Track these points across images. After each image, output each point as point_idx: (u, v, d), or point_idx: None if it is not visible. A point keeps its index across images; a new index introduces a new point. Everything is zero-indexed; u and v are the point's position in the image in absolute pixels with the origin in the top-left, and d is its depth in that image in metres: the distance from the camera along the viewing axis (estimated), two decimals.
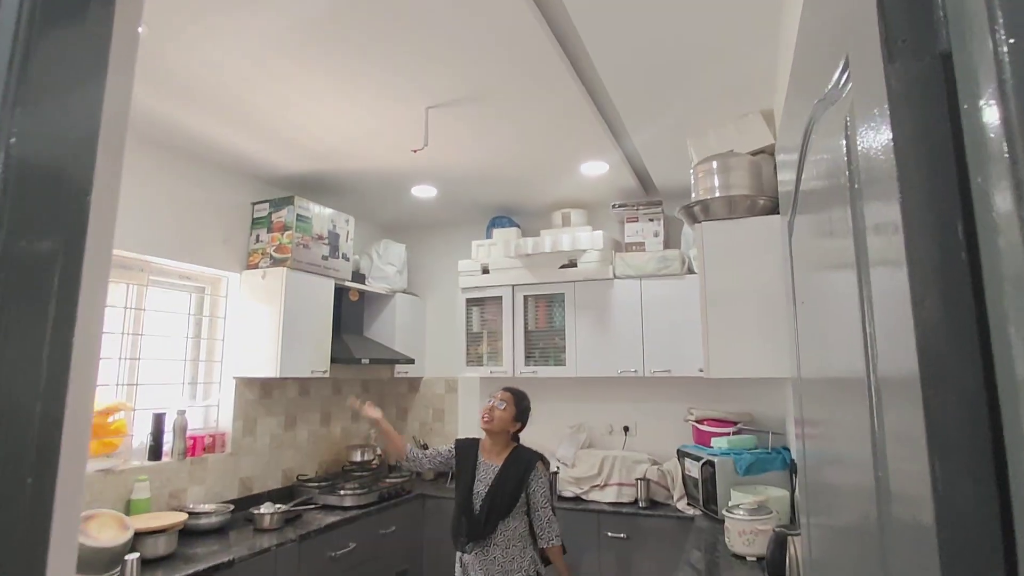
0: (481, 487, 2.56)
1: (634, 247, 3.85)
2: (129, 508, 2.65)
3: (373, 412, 2.75)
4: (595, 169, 3.42)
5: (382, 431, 2.76)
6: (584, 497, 3.59)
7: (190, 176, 3.13)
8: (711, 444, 3.35)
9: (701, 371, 2.60)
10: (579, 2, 1.90)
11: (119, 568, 2.18)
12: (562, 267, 3.86)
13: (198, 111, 2.62)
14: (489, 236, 4.17)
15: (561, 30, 2.11)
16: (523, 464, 2.58)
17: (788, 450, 3.18)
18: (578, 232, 3.73)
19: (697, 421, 3.56)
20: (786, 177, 1.14)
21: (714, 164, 2.41)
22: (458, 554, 2.58)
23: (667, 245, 3.84)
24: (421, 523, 3.52)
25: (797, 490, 2.77)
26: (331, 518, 3.09)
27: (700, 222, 2.37)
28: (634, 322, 3.69)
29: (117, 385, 2.88)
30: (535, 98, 2.53)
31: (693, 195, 2.54)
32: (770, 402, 3.65)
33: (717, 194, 2.38)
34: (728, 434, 3.37)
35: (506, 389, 2.74)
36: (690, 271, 3.62)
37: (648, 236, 3.84)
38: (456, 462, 2.70)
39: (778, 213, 2.35)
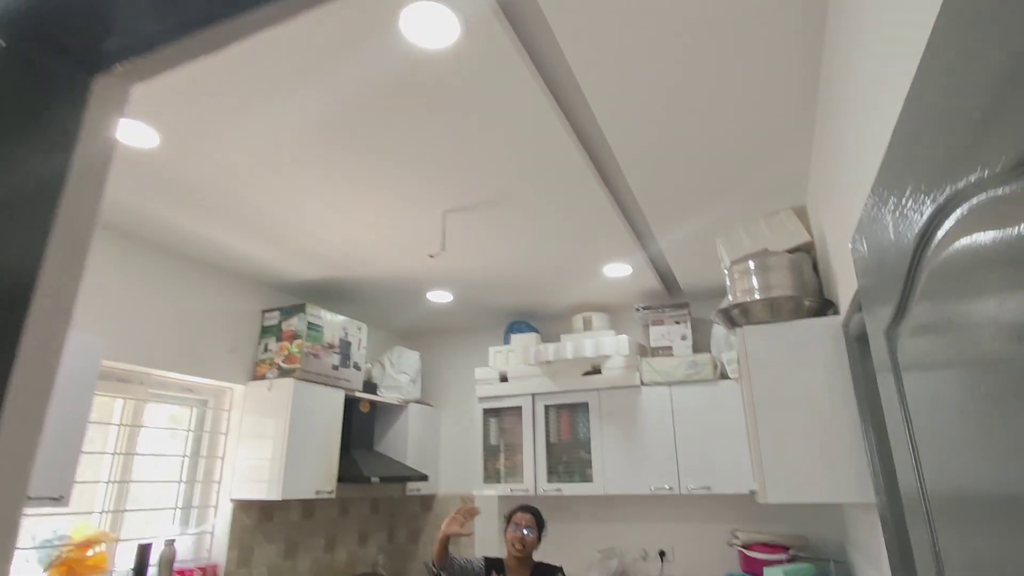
0: None
1: (661, 351, 3.64)
2: None
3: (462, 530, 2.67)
4: (618, 271, 3.29)
5: (446, 536, 2.69)
6: None
7: (198, 283, 3.03)
8: (763, 575, 2.95)
9: (752, 492, 2.31)
10: (606, 109, 1.85)
11: None
12: (585, 374, 3.64)
13: (208, 218, 2.56)
14: (507, 342, 3.99)
15: (586, 132, 2.04)
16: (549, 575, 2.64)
17: None
18: (601, 337, 3.54)
19: (744, 546, 3.17)
20: (871, 280, 0.96)
21: (751, 264, 2.26)
22: None
23: (696, 349, 3.62)
24: None
25: None
26: None
27: (740, 326, 2.18)
28: (665, 432, 3.40)
29: (101, 513, 2.61)
30: (558, 201, 2.45)
31: (729, 297, 2.37)
32: (826, 524, 3.27)
33: (757, 296, 2.21)
34: (781, 561, 2.98)
35: (525, 509, 2.74)
36: (723, 376, 3.38)
37: (675, 340, 3.65)
38: None
39: (824, 315, 2.18)
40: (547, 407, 3.72)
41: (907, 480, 0.92)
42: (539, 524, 2.70)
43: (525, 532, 2.64)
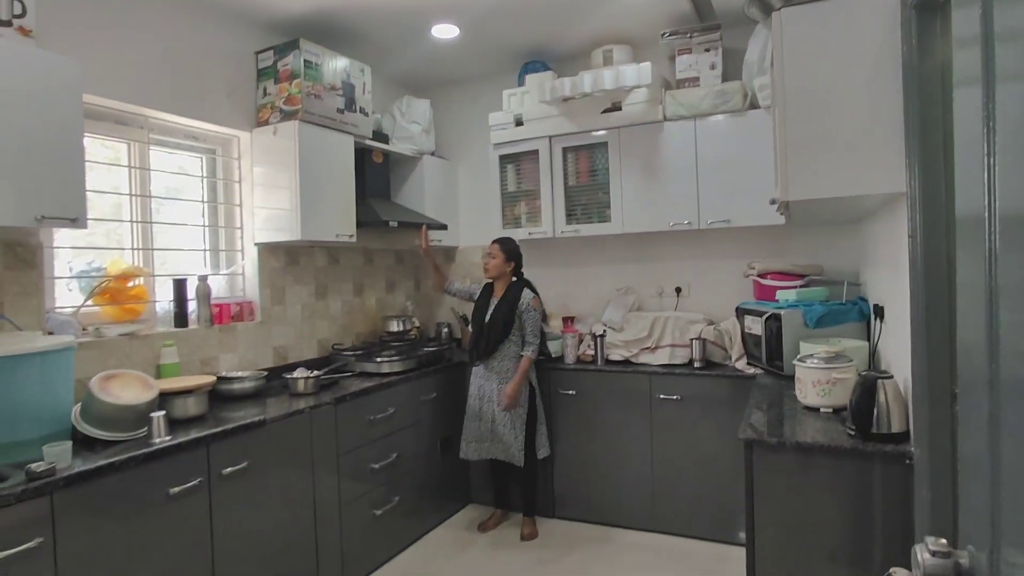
0: (486, 316, 3.26)
1: (687, 83, 3.35)
2: (159, 373, 2.56)
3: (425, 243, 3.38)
4: None
5: (428, 262, 3.49)
6: (633, 360, 3.37)
7: (186, 21, 2.77)
8: (776, 298, 3.03)
9: (773, 202, 2.23)
10: None
11: (145, 428, 2.08)
12: (604, 111, 3.41)
13: None
14: (521, 84, 3.72)
15: None
16: (512, 298, 3.23)
17: (866, 300, 2.83)
18: (622, 68, 3.24)
19: (760, 276, 3.22)
20: None
21: None
22: (472, 368, 3.32)
23: (726, 79, 3.32)
24: (463, 391, 3.40)
25: (880, 340, 2.46)
26: (368, 384, 2.97)
27: (778, 9, 1.90)
28: (687, 168, 3.27)
29: (132, 250, 2.71)
30: None
31: None
32: (842, 253, 3.26)
33: None
34: (795, 287, 3.04)
35: (494, 241, 3.34)
36: (753, 106, 3.14)
37: (703, 69, 3.33)
38: (477, 299, 3.38)
39: None
40: (564, 149, 3.57)
41: (969, 197, 0.74)
42: (504, 248, 3.29)
43: (488, 259, 3.30)
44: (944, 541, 0.83)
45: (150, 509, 1.92)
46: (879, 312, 2.42)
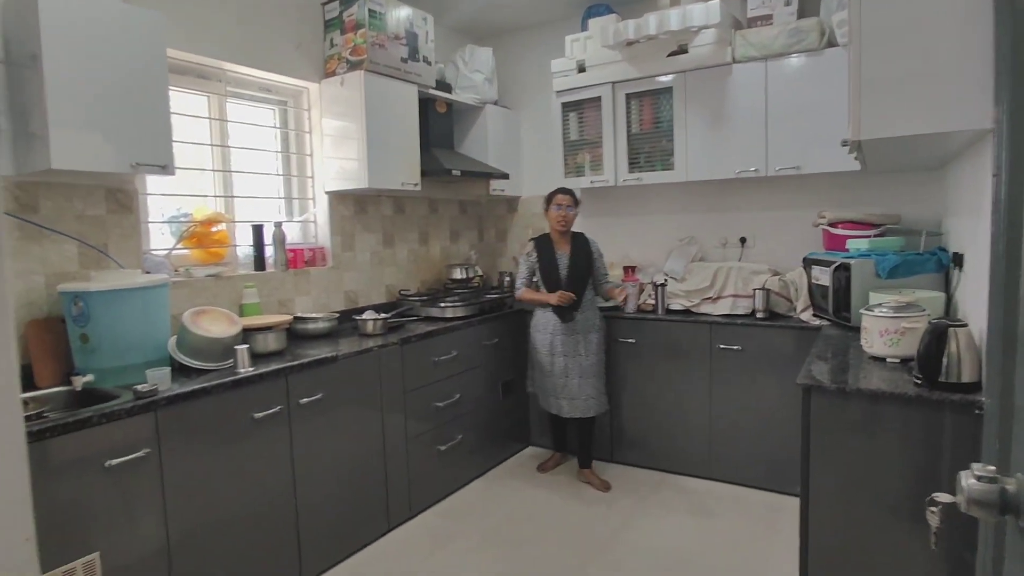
0: (564, 272, 3.20)
1: (759, 22, 3.19)
2: (241, 312, 2.76)
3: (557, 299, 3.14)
4: None
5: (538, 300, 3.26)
6: (694, 310, 3.35)
7: None
8: (847, 248, 2.91)
9: (844, 144, 2.13)
10: None
11: (232, 359, 2.27)
12: (670, 55, 3.31)
13: None
14: (585, 29, 3.63)
15: None
16: (583, 245, 3.26)
17: (945, 251, 2.69)
18: (689, 7, 3.11)
19: (830, 225, 3.10)
20: None
21: None
22: (550, 332, 3.21)
23: (802, 15, 3.13)
24: (525, 337, 3.49)
25: (957, 289, 2.35)
26: (432, 328, 3.10)
27: None
28: (756, 113, 3.15)
29: (214, 197, 2.89)
30: None
31: None
32: (923, 202, 3.09)
33: None
34: (869, 236, 2.91)
35: (564, 192, 3.24)
36: (830, 44, 2.96)
37: (777, 6, 3.15)
38: (538, 258, 3.24)
39: None
40: (628, 96, 3.50)
41: None
42: (576, 201, 3.24)
43: (566, 211, 3.18)
44: (993, 468, 0.83)
45: (238, 430, 2.12)
46: (958, 261, 2.31)
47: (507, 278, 4.19)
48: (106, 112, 2.02)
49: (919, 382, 1.81)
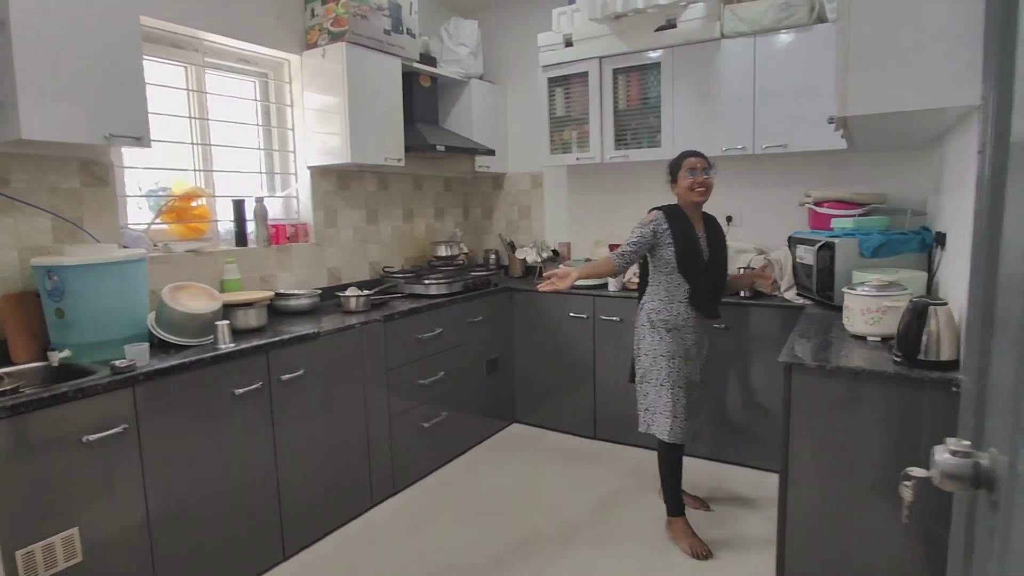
0: (708, 256, 2.51)
1: None
2: (222, 287, 2.72)
3: (566, 282, 2.34)
4: None
5: (589, 277, 2.53)
6: None
7: None
8: (832, 227, 2.92)
9: (831, 121, 2.12)
10: None
11: (212, 335, 2.24)
12: (658, 29, 3.26)
13: None
14: (572, 2, 3.57)
15: None
16: (716, 224, 2.61)
17: (929, 230, 2.70)
18: None
19: (816, 204, 3.10)
20: None
21: None
22: (691, 332, 2.51)
23: None
24: (510, 315, 3.48)
25: (939, 269, 2.36)
26: (417, 305, 3.08)
27: None
28: (743, 90, 3.12)
29: (194, 171, 2.83)
30: None
31: None
32: (909, 181, 3.09)
33: None
34: (853, 216, 2.92)
35: (694, 154, 2.50)
36: (819, 20, 2.94)
37: None
38: (672, 233, 2.43)
39: None
40: (615, 71, 3.46)
41: None
42: (710, 164, 2.50)
43: (705, 174, 2.45)
44: (967, 443, 0.84)
45: (218, 406, 2.10)
46: (941, 240, 2.32)
47: (492, 255, 4.17)
48: (78, 81, 1.96)
49: (899, 360, 1.83)
